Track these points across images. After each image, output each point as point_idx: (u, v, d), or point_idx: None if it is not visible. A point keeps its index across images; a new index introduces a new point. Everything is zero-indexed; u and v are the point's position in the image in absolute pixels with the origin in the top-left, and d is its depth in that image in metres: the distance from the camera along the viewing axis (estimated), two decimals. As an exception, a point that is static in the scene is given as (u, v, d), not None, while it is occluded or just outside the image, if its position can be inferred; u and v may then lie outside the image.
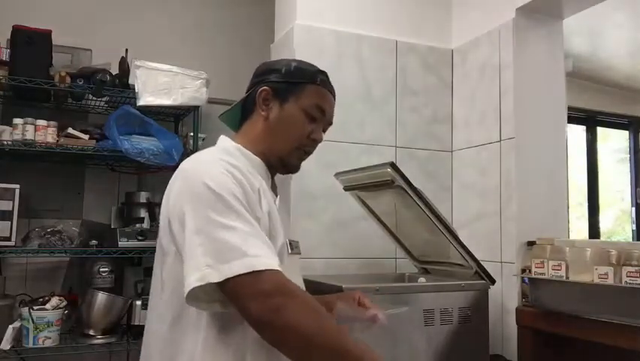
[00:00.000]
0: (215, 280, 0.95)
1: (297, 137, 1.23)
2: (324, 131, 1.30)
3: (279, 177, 1.32)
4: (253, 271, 0.95)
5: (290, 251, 1.21)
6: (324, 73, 1.28)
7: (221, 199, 1.01)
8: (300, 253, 1.30)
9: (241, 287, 0.95)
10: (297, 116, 1.23)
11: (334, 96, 1.30)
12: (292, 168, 1.28)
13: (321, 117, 1.25)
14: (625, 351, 1.53)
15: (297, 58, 2.15)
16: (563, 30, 2.24)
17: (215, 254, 0.97)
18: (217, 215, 1.00)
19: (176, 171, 1.13)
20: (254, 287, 0.95)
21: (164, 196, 1.14)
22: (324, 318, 1.00)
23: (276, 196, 1.26)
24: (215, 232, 0.98)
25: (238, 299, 0.97)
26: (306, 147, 1.26)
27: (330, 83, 1.29)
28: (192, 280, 0.96)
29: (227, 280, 0.95)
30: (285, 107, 1.22)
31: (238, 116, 1.30)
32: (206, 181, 1.03)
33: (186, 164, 1.13)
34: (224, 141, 1.24)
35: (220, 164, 1.08)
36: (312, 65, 1.29)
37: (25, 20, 2.41)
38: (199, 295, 0.98)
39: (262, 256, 0.98)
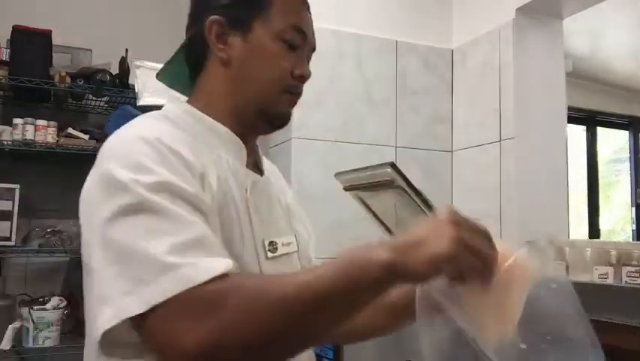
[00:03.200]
0: (136, 312, 0.63)
1: (277, 76, 0.87)
2: (308, 60, 0.95)
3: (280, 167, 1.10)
4: (188, 289, 0.63)
5: (267, 256, 0.86)
6: None
7: (133, 192, 0.68)
8: (290, 251, 0.96)
9: (173, 318, 0.63)
10: (271, 47, 0.86)
11: (309, 8, 0.95)
12: (281, 118, 0.91)
13: (301, 41, 0.90)
14: (625, 351, 1.53)
15: (297, 58, 2.16)
16: (563, 30, 2.24)
17: (133, 275, 0.64)
18: (133, 216, 0.67)
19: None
20: (186, 315, 0.62)
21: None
22: (287, 291, 0.64)
23: (261, 175, 0.93)
24: (130, 241, 0.66)
25: (168, 338, 0.62)
26: (293, 87, 0.90)
27: None
28: (105, 319, 0.65)
29: (154, 309, 0.62)
30: (250, 38, 0.86)
31: (185, 73, 0.94)
32: (111, 168, 0.72)
33: (104, 145, 0.80)
34: (170, 105, 0.90)
35: (139, 139, 0.74)
36: None
37: (25, 20, 2.41)
38: (115, 339, 0.68)
39: (191, 264, 0.64)
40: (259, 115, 0.89)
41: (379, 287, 0.66)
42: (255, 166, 0.94)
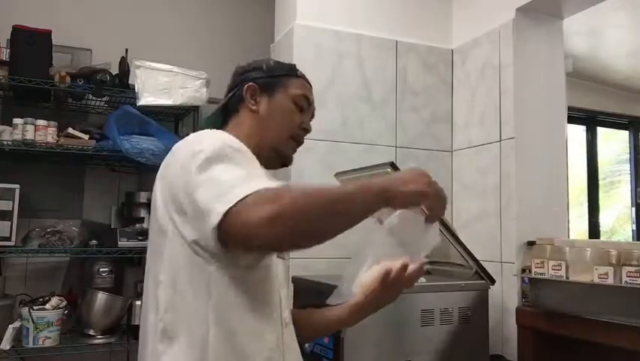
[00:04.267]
0: (225, 209, 0.91)
1: (290, 126, 1.25)
2: (310, 120, 1.33)
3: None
4: (248, 195, 0.91)
5: (283, 258, 1.24)
6: (297, 68, 1.33)
7: (227, 155, 1.00)
8: (284, 258, 1.29)
9: (244, 212, 0.90)
10: (288, 106, 1.25)
11: (311, 88, 1.34)
12: (287, 159, 1.28)
13: (307, 107, 1.29)
14: (625, 351, 1.53)
15: (297, 58, 2.16)
16: (563, 30, 2.24)
17: (222, 192, 0.93)
18: (225, 164, 0.99)
19: (172, 151, 1.11)
20: (253, 210, 0.90)
21: (157, 179, 1.11)
22: (327, 193, 0.97)
23: None
24: (222, 175, 0.97)
25: (246, 227, 0.90)
26: (299, 136, 1.27)
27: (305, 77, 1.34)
28: (219, 211, 0.91)
29: (230, 209, 0.91)
30: (274, 99, 1.25)
31: (219, 120, 1.29)
32: (212, 143, 1.02)
33: (182, 141, 1.10)
34: (231, 135, 1.16)
35: (224, 136, 1.08)
36: (287, 63, 1.35)
37: (25, 20, 2.41)
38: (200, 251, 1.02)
39: (254, 184, 0.93)
40: (272, 152, 1.23)
41: (375, 204, 0.99)
42: None
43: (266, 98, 1.25)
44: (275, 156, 1.25)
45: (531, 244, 1.94)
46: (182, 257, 1.04)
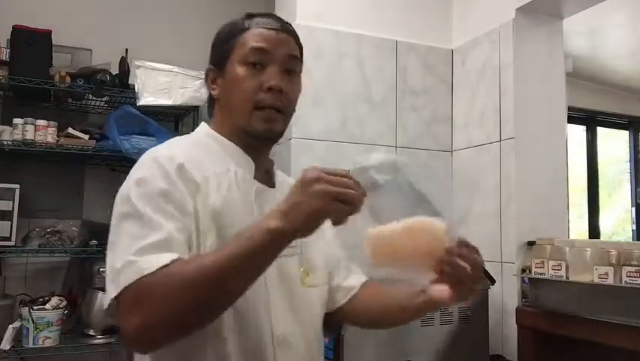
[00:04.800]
0: (113, 295, 0.85)
1: (246, 95, 1.02)
2: (290, 72, 1.06)
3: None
4: (126, 286, 0.83)
5: None
6: (254, 15, 1.09)
7: (129, 201, 0.91)
8: (290, 254, 1.02)
9: (121, 309, 0.84)
10: (237, 74, 1.03)
11: (277, 29, 1.06)
12: (259, 135, 1.04)
13: (265, 59, 1.03)
14: (625, 351, 1.53)
15: (297, 58, 2.16)
16: (563, 30, 2.24)
17: (113, 268, 0.87)
18: (124, 220, 0.91)
19: None
20: (124, 309, 0.83)
21: None
22: (199, 273, 0.81)
23: (271, 188, 1.08)
24: (118, 241, 0.90)
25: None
26: (263, 101, 1.02)
27: (265, 18, 1.08)
28: (105, 302, 0.88)
29: (116, 298, 0.85)
30: (225, 74, 1.05)
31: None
32: (126, 183, 0.95)
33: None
34: (200, 128, 1.13)
35: (152, 159, 0.96)
36: (240, 17, 1.11)
37: (25, 20, 2.41)
38: None
39: (140, 262, 0.83)
40: (244, 134, 1.05)
41: (271, 250, 0.82)
42: (269, 178, 1.10)
43: (221, 77, 1.07)
44: (249, 137, 1.05)
45: (531, 244, 1.94)
46: None
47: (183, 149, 1.01)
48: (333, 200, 0.80)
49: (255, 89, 1.02)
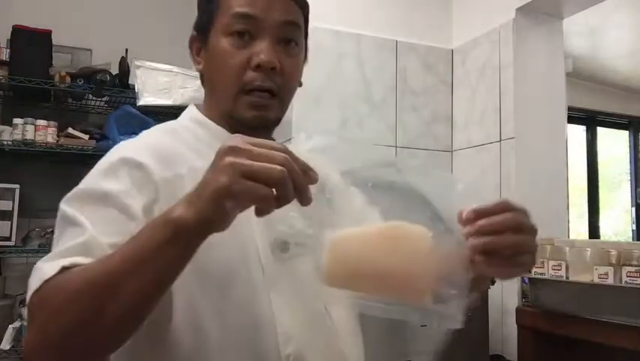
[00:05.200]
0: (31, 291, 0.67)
1: (230, 74, 0.81)
2: (288, 43, 0.84)
3: None
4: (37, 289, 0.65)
5: (279, 257, 0.75)
6: None
7: (66, 201, 0.78)
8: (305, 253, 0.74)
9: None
10: (220, 47, 0.82)
11: None
12: (249, 122, 0.82)
13: (253, 27, 0.81)
14: (625, 351, 1.53)
15: (297, 58, 2.16)
16: (563, 30, 2.24)
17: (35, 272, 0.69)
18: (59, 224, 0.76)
19: None
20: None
21: None
22: (91, 276, 0.63)
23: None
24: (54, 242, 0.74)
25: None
26: (251, 82, 0.80)
27: None
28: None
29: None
30: (208, 45, 0.84)
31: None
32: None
33: None
34: (187, 111, 0.93)
35: (110, 154, 0.84)
36: None
37: (25, 20, 2.41)
38: None
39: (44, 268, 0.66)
40: (232, 120, 0.84)
41: (175, 249, 0.59)
42: None
43: (205, 47, 0.86)
44: (238, 124, 0.83)
45: (531, 244, 1.94)
46: None
47: (153, 141, 0.83)
48: (241, 176, 0.56)
49: (241, 66, 0.80)
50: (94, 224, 0.71)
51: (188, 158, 0.80)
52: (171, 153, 0.80)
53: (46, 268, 0.65)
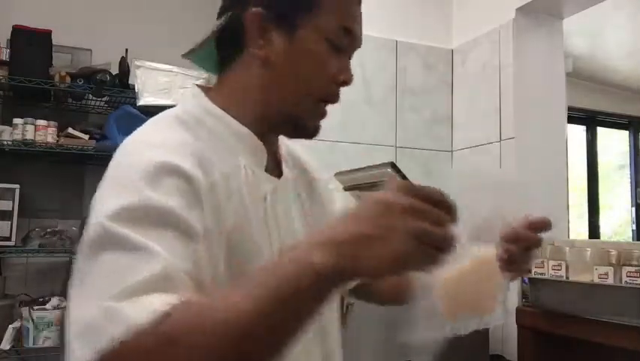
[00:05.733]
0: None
1: (320, 83, 0.77)
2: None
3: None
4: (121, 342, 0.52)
5: None
6: None
7: (97, 222, 0.62)
8: None
9: None
10: (318, 49, 0.76)
11: (360, 1, 0.83)
12: (312, 131, 0.82)
13: (349, 44, 0.79)
14: (625, 351, 1.53)
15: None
16: (563, 30, 2.24)
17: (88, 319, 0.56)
18: (99, 251, 0.61)
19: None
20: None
21: None
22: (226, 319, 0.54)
23: (279, 178, 0.82)
24: (90, 280, 0.60)
25: None
26: (333, 96, 0.80)
27: None
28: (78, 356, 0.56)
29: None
30: (295, 38, 0.76)
31: (214, 57, 0.83)
32: (101, 191, 0.68)
33: (120, 148, 0.74)
34: (193, 99, 0.80)
35: (137, 156, 0.68)
36: None
37: (25, 20, 2.41)
38: None
39: (133, 306, 0.54)
40: (289, 124, 0.80)
41: (322, 295, 0.56)
42: (277, 165, 0.84)
43: (282, 37, 0.76)
44: (291, 125, 0.80)
45: (531, 244, 1.94)
46: None
47: (182, 140, 0.71)
48: (417, 242, 0.54)
49: (331, 78, 0.78)
50: (165, 250, 0.59)
51: (214, 160, 0.71)
52: (202, 155, 0.70)
53: (130, 312, 0.53)
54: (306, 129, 0.80)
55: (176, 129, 0.73)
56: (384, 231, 0.54)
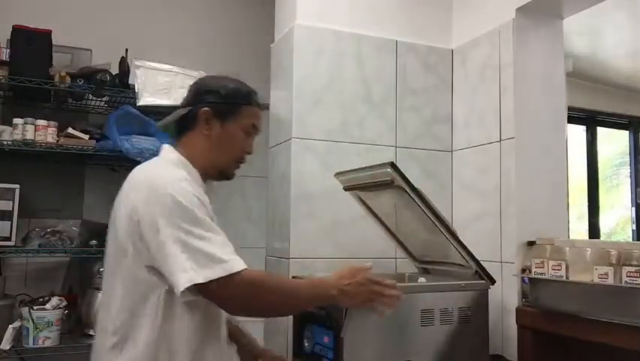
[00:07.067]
0: (201, 281, 1.15)
1: (237, 152, 1.42)
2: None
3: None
4: (230, 274, 1.18)
5: None
6: (255, 92, 1.46)
7: (189, 212, 1.20)
8: None
9: (221, 287, 1.18)
10: (237, 135, 1.41)
11: (262, 111, 1.49)
12: (230, 176, 1.47)
13: (255, 133, 1.45)
14: (625, 351, 1.53)
15: (297, 58, 2.16)
16: (563, 30, 2.24)
17: (197, 261, 1.17)
18: (190, 226, 1.19)
19: (132, 181, 1.30)
20: (230, 288, 1.19)
21: (120, 202, 1.31)
22: (284, 289, 1.33)
23: (213, 202, 1.40)
24: (193, 242, 1.18)
25: (219, 297, 1.22)
26: (243, 159, 1.45)
27: (258, 99, 1.47)
28: (183, 282, 1.15)
29: (210, 281, 1.16)
30: (225, 126, 1.39)
31: (174, 130, 1.45)
32: (173, 194, 1.21)
33: (142, 174, 1.31)
34: (170, 153, 1.39)
35: (179, 177, 1.26)
36: (245, 85, 1.45)
37: (25, 20, 2.41)
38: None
39: (233, 260, 1.20)
40: (216, 172, 1.44)
41: (320, 304, 1.52)
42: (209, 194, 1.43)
43: (218, 124, 1.38)
44: (219, 175, 1.44)
45: (531, 244, 1.94)
46: (137, 276, 1.22)
47: (185, 175, 1.31)
48: (373, 301, 1.39)
49: (244, 149, 1.44)
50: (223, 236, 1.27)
51: (196, 188, 1.31)
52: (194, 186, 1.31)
53: (236, 262, 1.21)
54: (228, 177, 1.47)
55: (177, 168, 1.34)
56: (357, 295, 1.37)
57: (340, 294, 1.32)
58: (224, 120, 1.39)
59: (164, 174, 1.28)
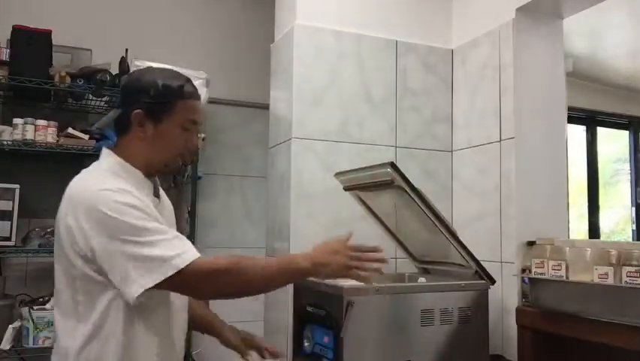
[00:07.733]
0: (150, 286, 1.17)
1: (176, 149, 1.36)
2: (198, 131, 1.43)
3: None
4: (178, 271, 1.18)
5: None
6: (189, 81, 1.38)
7: (124, 223, 1.19)
8: None
9: (176, 283, 1.19)
10: (173, 133, 1.34)
11: (200, 99, 1.40)
12: (174, 170, 1.46)
13: (194, 126, 1.37)
14: (625, 351, 1.53)
15: (297, 58, 2.16)
16: (563, 30, 2.24)
17: (144, 267, 1.18)
18: (130, 236, 1.19)
19: (67, 197, 1.27)
20: (187, 280, 1.20)
21: (58, 219, 1.28)
22: (247, 268, 1.26)
23: (159, 199, 1.42)
24: (135, 250, 1.18)
25: (180, 291, 1.29)
26: (186, 155, 1.40)
27: (194, 89, 1.39)
28: (133, 292, 1.17)
29: (162, 282, 1.18)
30: (159, 127, 1.33)
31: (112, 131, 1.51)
32: (104, 210, 1.19)
33: (74, 191, 1.27)
34: (109, 157, 1.35)
35: (111, 188, 1.23)
36: (177, 77, 1.37)
37: (25, 20, 2.41)
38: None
39: (182, 254, 1.20)
40: (160, 168, 1.39)
41: (294, 280, 1.52)
42: (156, 190, 1.42)
43: (152, 125, 1.33)
44: (163, 170, 1.40)
45: (531, 244, 1.94)
46: (81, 279, 1.23)
47: (116, 182, 1.27)
48: (351, 270, 1.32)
49: (184, 145, 1.37)
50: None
51: (135, 191, 1.28)
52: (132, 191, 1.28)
53: (185, 255, 1.20)
54: (172, 170, 1.43)
55: (111, 177, 1.30)
56: (334, 262, 1.32)
57: (314, 266, 1.28)
58: (157, 120, 1.32)
59: (93, 188, 1.24)
